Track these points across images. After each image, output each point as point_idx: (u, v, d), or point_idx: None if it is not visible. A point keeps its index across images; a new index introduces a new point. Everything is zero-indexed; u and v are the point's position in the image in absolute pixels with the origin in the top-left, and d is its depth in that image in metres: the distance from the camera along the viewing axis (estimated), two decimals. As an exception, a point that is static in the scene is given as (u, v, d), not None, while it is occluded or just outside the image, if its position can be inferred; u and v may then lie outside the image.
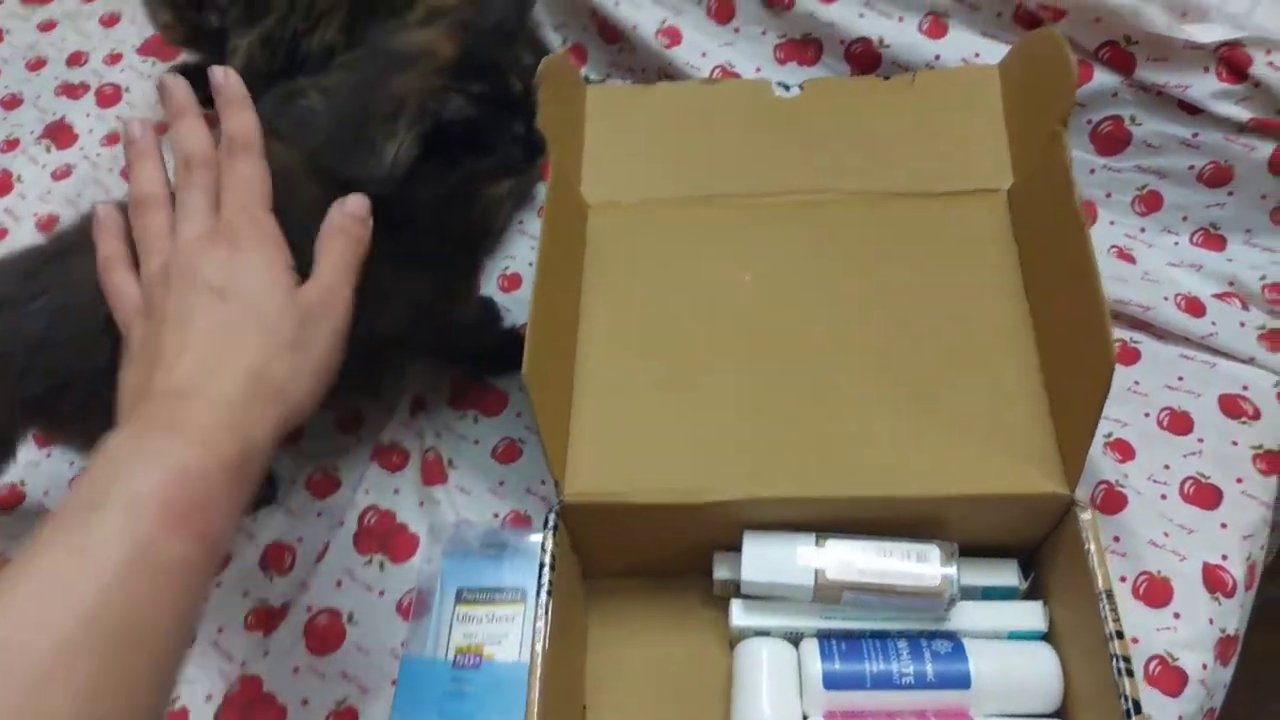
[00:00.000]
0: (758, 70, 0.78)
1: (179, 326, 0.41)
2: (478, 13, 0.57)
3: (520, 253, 0.79)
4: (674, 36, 0.77)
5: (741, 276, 0.62)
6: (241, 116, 0.46)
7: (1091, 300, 0.49)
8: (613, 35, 0.81)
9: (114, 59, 0.96)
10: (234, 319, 0.42)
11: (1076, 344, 0.52)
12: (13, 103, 0.95)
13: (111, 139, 0.91)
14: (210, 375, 0.40)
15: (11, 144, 0.92)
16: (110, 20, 0.99)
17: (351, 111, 0.52)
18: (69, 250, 0.54)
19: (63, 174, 0.89)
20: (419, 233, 0.55)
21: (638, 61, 0.81)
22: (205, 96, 0.90)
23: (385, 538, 0.65)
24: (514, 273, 0.78)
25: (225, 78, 0.47)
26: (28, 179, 0.89)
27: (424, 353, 0.71)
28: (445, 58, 0.53)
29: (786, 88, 0.68)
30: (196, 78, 0.90)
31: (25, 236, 0.85)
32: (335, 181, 0.50)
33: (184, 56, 0.89)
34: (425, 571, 0.62)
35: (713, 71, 0.78)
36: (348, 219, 0.47)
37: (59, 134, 0.92)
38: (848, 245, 0.63)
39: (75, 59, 0.97)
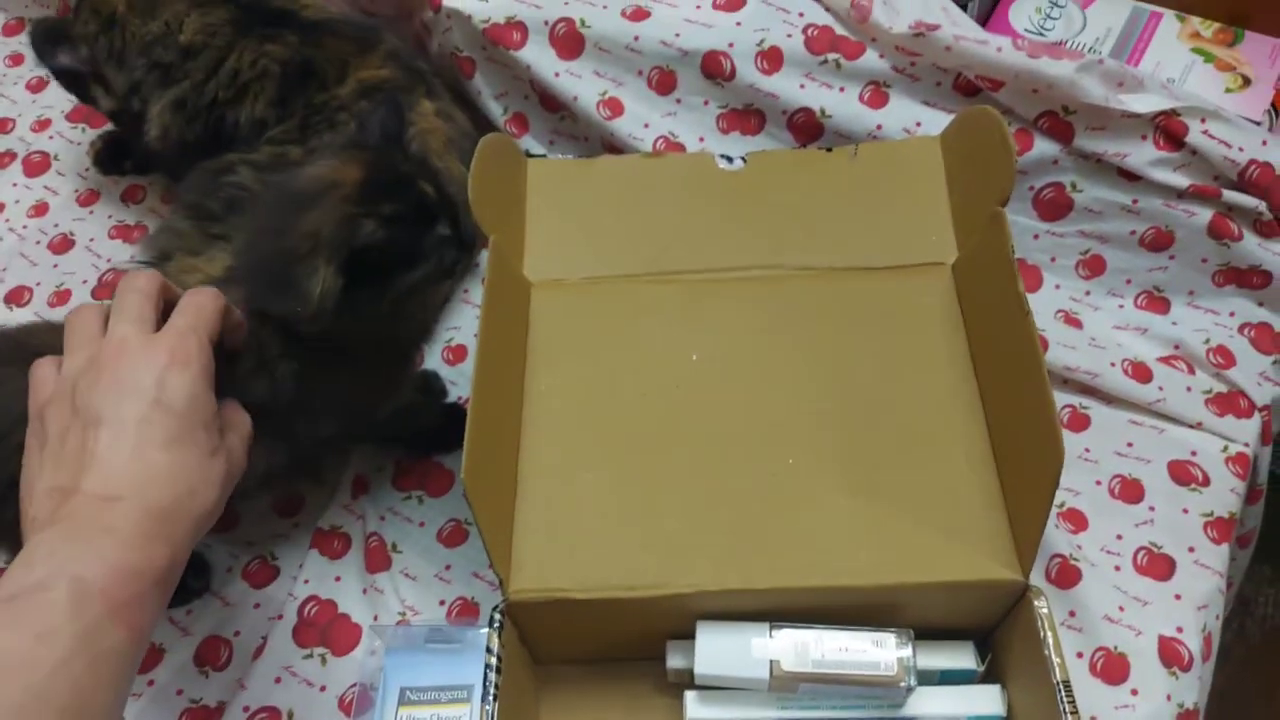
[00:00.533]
0: (701, 140, 0.78)
1: (114, 429, 0.41)
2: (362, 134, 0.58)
3: (465, 323, 0.77)
4: (615, 108, 0.77)
5: (688, 356, 0.61)
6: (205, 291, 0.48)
7: (1038, 394, 0.48)
8: (554, 105, 0.80)
9: (42, 125, 0.93)
10: (173, 433, 0.42)
11: (1025, 434, 0.51)
12: (-64, 170, 0.92)
13: (39, 209, 0.88)
14: (145, 484, 0.41)
15: (-63, 214, 0.88)
16: (38, 86, 0.96)
17: (269, 256, 0.52)
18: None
19: (-12, 245, 0.86)
20: (351, 345, 0.55)
21: (580, 130, 0.81)
22: (136, 164, 0.89)
23: (326, 629, 0.63)
24: (459, 344, 0.76)
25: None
26: (-47, 251, 0.86)
27: (364, 442, 0.69)
28: (351, 184, 0.53)
29: (730, 159, 0.68)
30: (125, 151, 0.88)
31: (-51, 311, 0.82)
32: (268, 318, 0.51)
33: (111, 124, 0.86)
34: (368, 665, 0.60)
35: (656, 142, 0.77)
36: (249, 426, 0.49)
37: (-15, 204, 0.89)
38: (795, 322, 0.62)
39: (1, 126, 0.94)
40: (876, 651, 0.52)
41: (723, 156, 0.68)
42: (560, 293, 0.64)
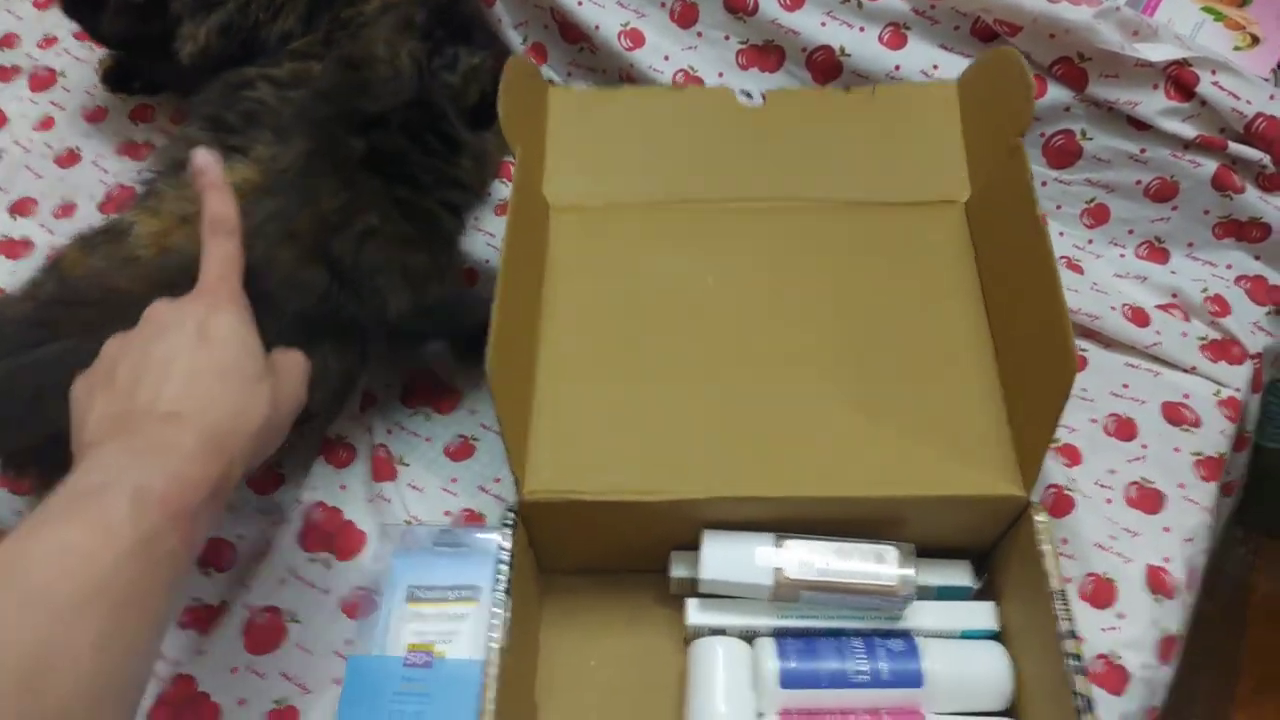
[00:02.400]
0: (720, 75, 0.78)
1: (164, 364, 0.44)
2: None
3: (476, 250, 0.77)
4: (637, 39, 0.77)
5: (704, 279, 0.62)
6: (221, 200, 0.50)
7: (1053, 307, 0.50)
8: (574, 35, 0.80)
9: (48, 43, 0.92)
10: (218, 361, 0.45)
11: (1036, 350, 0.52)
12: (-61, 84, 0.91)
13: (45, 124, 0.87)
14: (199, 405, 0.43)
15: (-62, 127, 0.88)
16: (45, 2, 0.95)
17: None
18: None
19: (-8, 158, 0.85)
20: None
21: (599, 63, 0.81)
22: (144, 84, 0.88)
23: (332, 535, 0.63)
24: (469, 268, 0.76)
25: (206, 163, 0.51)
26: (-44, 163, 0.85)
27: (424, 336, 0.70)
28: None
29: (749, 95, 0.68)
30: (135, 71, 0.88)
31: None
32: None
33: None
34: (374, 570, 0.61)
35: (675, 75, 0.77)
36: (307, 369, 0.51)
37: (-11, 118, 0.88)
38: (809, 252, 0.63)
39: (7, 41, 0.93)
40: (878, 564, 0.53)
41: (743, 92, 0.69)
42: (579, 216, 0.64)
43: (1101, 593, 0.60)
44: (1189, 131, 0.71)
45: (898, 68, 0.74)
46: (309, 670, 0.59)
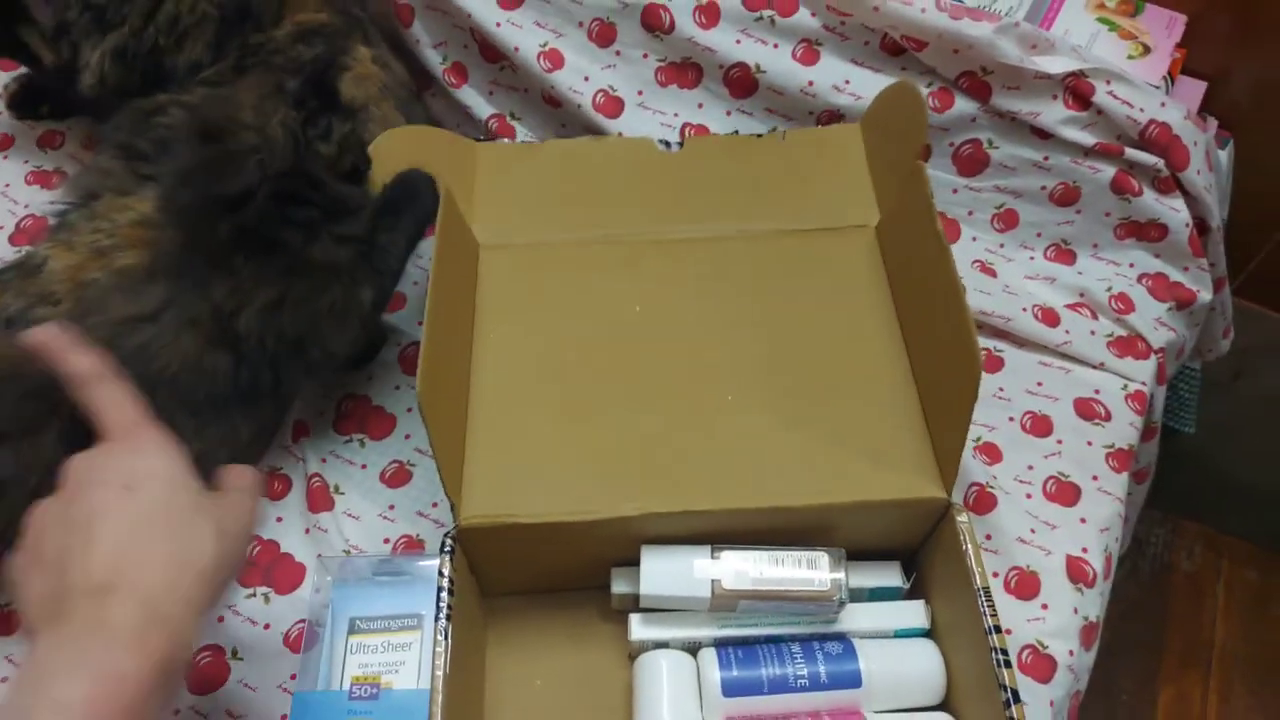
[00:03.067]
0: (640, 94, 0.79)
1: (87, 526, 0.40)
2: None
3: (407, 274, 0.77)
4: (556, 60, 0.78)
5: (631, 308, 0.63)
6: (82, 357, 0.47)
7: (958, 313, 0.52)
8: (494, 55, 0.81)
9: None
10: (148, 510, 0.41)
11: (946, 356, 0.55)
12: None
13: (-48, 153, 0.85)
14: (133, 567, 0.39)
15: None
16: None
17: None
18: None
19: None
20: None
21: (520, 81, 0.81)
22: (53, 110, 0.86)
23: (269, 569, 0.63)
24: (399, 292, 0.76)
25: (45, 336, 0.48)
26: None
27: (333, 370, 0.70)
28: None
29: (668, 144, 0.71)
30: (42, 95, 0.85)
31: None
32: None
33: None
34: (314, 602, 0.60)
35: (595, 95, 0.79)
36: (258, 479, 0.49)
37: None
38: (730, 279, 0.65)
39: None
40: (811, 570, 0.55)
41: (661, 141, 0.72)
42: (508, 254, 0.66)
43: (1025, 585, 0.62)
44: (1088, 139, 0.74)
45: (811, 83, 0.76)
46: (254, 707, 0.58)
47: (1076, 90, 0.74)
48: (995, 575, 0.62)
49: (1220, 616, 1.11)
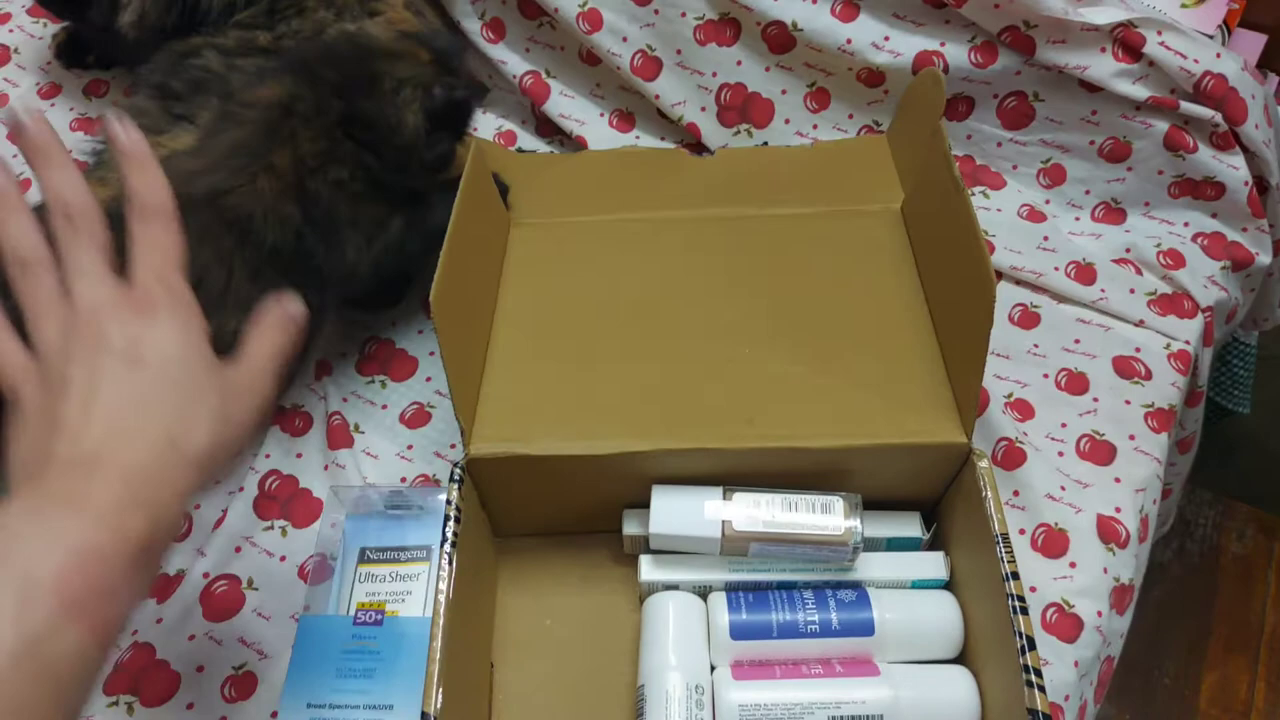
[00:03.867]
0: (679, 53, 0.78)
1: (84, 393, 0.37)
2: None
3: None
4: (595, 21, 0.77)
5: (654, 273, 0.64)
6: (150, 177, 0.41)
7: (973, 242, 0.51)
8: (533, 12, 0.80)
9: (2, 19, 0.92)
10: (148, 385, 0.38)
11: (963, 290, 0.53)
12: (-108, 61, 0.90)
13: (0, 100, 0.87)
14: (121, 442, 0.37)
15: (-109, 104, 0.87)
16: (-2, -21, 0.94)
17: (359, 86, 0.60)
18: None
19: (-53, 136, 0.85)
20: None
21: (557, 39, 0.81)
22: (98, 59, 0.87)
23: (288, 503, 0.63)
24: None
25: (127, 134, 0.42)
26: (-92, 141, 0.84)
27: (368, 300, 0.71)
28: (427, 57, 0.63)
29: (699, 152, 0.74)
30: (88, 45, 0.87)
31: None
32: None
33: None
34: (328, 536, 0.61)
35: (634, 56, 0.78)
36: (287, 318, 0.44)
37: (-57, 95, 0.88)
38: (752, 250, 0.66)
39: (-38, 18, 0.92)
40: (825, 515, 0.54)
41: (690, 148, 0.76)
42: (537, 229, 0.68)
43: (1053, 543, 0.60)
44: (1140, 93, 0.71)
45: (849, 40, 0.74)
46: (267, 636, 0.59)
47: (1126, 41, 0.71)
48: (1022, 532, 0.60)
49: (1271, 602, 1.06)
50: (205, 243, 0.54)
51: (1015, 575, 0.48)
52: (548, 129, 0.83)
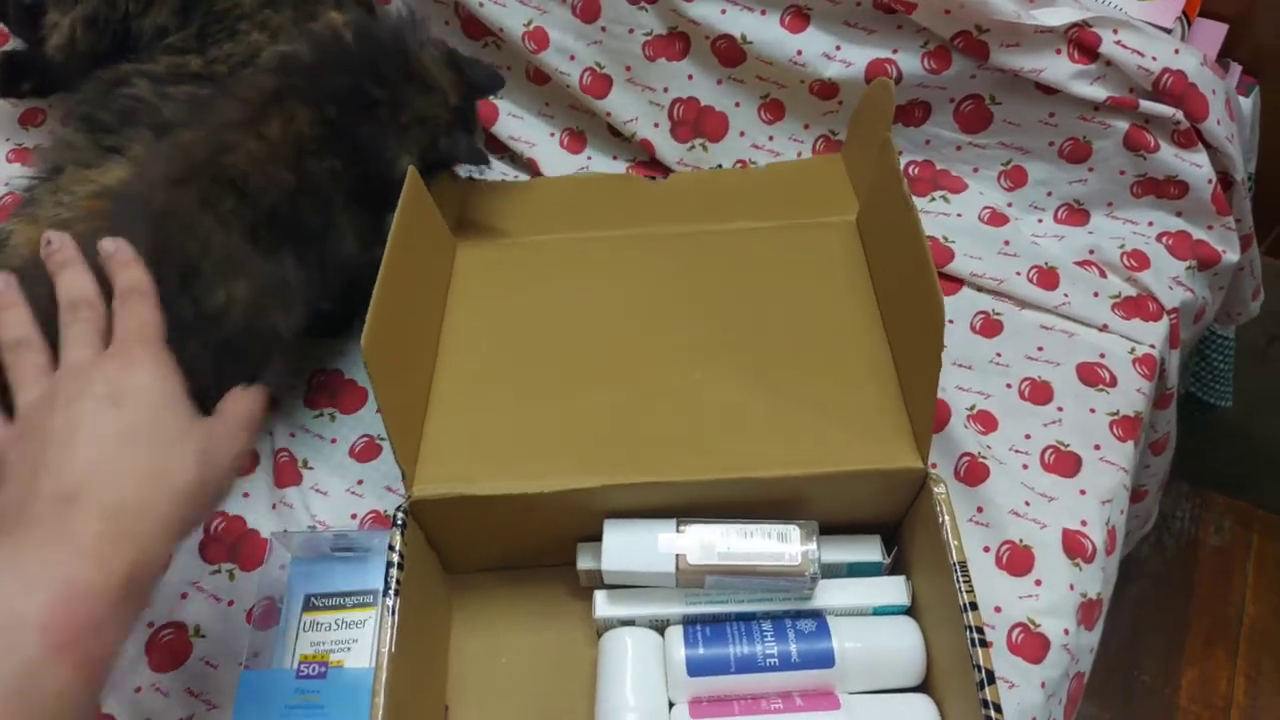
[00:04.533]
0: (628, 69, 0.76)
1: (65, 435, 0.38)
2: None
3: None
4: (541, 40, 0.75)
5: (603, 294, 0.63)
6: (133, 271, 0.44)
7: (918, 253, 0.49)
8: (477, 31, 0.78)
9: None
10: (129, 423, 0.39)
11: (913, 304, 0.52)
12: None
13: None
14: (103, 478, 0.37)
15: None
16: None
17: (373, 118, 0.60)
18: None
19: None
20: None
21: (503, 58, 0.79)
22: (34, 87, 0.85)
23: (235, 545, 0.62)
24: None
25: (114, 246, 0.45)
26: None
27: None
28: (455, 99, 0.63)
29: (653, 179, 0.73)
30: (24, 73, 0.85)
31: None
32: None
33: (11, 44, 0.83)
34: (275, 577, 0.59)
35: (583, 74, 0.76)
36: (258, 393, 0.46)
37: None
38: (705, 267, 0.64)
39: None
40: (781, 544, 0.52)
41: (649, 177, 0.75)
42: (484, 250, 0.66)
43: (1018, 560, 0.59)
44: (1099, 93, 0.70)
45: (800, 53, 0.73)
46: (215, 685, 0.57)
47: (1081, 42, 0.69)
48: (986, 550, 0.59)
49: (1250, 594, 1.06)
50: (206, 209, 0.55)
51: (974, 606, 0.47)
52: (497, 146, 0.81)
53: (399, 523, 0.51)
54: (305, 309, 0.61)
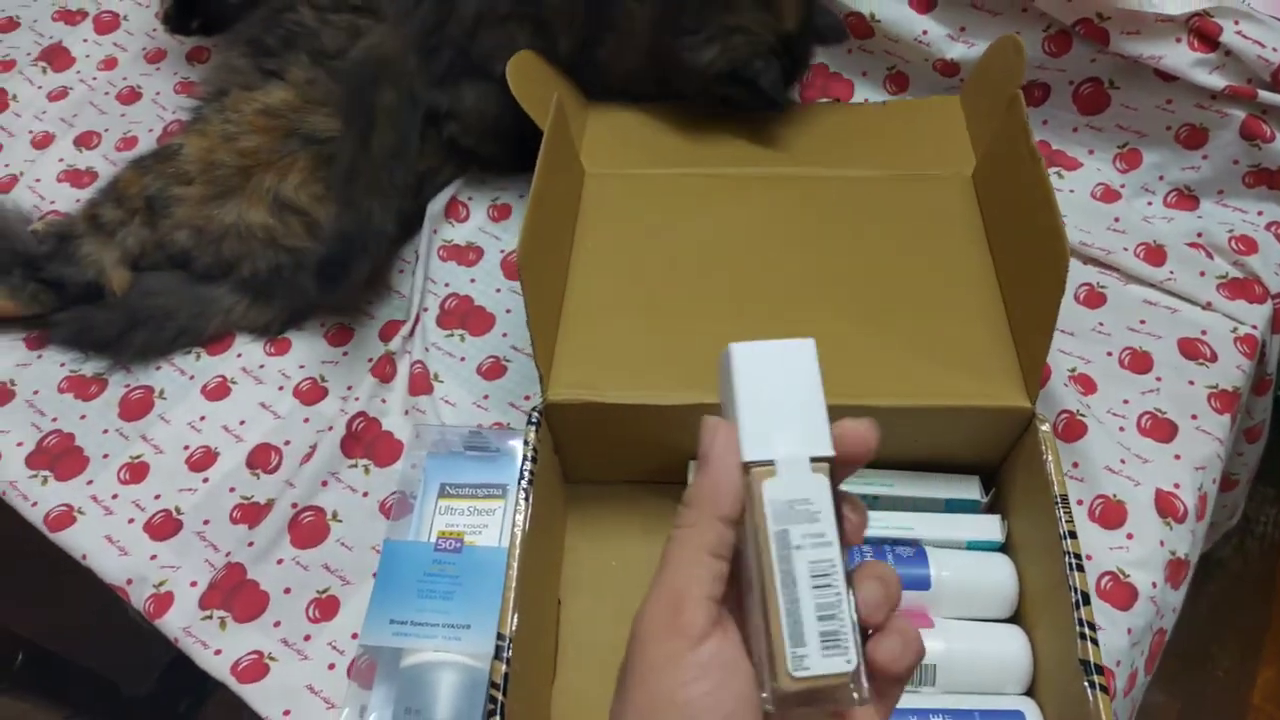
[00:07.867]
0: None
1: None
2: None
3: (513, 185, 0.81)
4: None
5: (726, 229, 0.66)
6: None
7: (1047, 210, 0.52)
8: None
9: (112, -15, 0.97)
10: None
11: (1034, 256, 0.54)
12: (8, 26, 0.96)
13: (108, 63, 0.92)
14: None
15: (7, 65, 0.92)
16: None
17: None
18: None
19: (58, 95, 0.90)
20: None
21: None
22: (202, 26, 0.92)
23: (371, 443, 0.67)
24: (504, 203, 0.80)
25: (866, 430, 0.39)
26: (23, 98, 0.90)
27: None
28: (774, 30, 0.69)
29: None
30: (192, 12, 0.91)
31: (20, 151, 0.86)
32: None
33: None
34: (409, 475, 0.64)
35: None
36: None
37: (55, 57, 0.93)
38: (824, 210, 0.67)
39: (73, -15, 0.97)
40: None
41: None
42: (611, 181, 0.70)
43: (1111, 514, 0.61)
44: (1218, 82, 0.71)
45: (925, 32, 0.76)
46: (349, 564, 0.62)
47: (1202, 31, 0.71)
48: (1080, 503, 0.61)
49: (1332, 600, 1.05)
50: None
51: (1073, 535, 0.50)
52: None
53: (534, 421, 0.55)
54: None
